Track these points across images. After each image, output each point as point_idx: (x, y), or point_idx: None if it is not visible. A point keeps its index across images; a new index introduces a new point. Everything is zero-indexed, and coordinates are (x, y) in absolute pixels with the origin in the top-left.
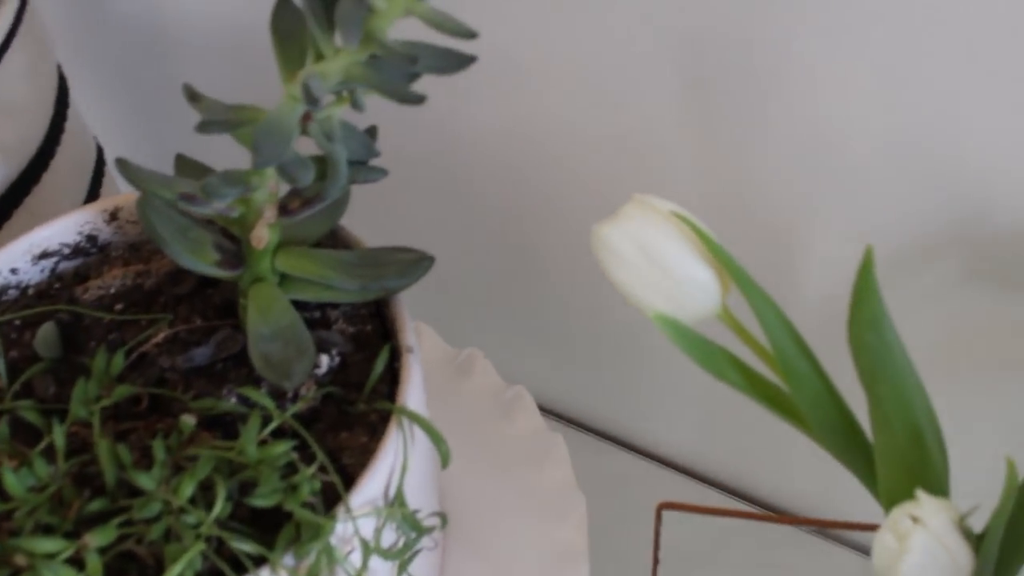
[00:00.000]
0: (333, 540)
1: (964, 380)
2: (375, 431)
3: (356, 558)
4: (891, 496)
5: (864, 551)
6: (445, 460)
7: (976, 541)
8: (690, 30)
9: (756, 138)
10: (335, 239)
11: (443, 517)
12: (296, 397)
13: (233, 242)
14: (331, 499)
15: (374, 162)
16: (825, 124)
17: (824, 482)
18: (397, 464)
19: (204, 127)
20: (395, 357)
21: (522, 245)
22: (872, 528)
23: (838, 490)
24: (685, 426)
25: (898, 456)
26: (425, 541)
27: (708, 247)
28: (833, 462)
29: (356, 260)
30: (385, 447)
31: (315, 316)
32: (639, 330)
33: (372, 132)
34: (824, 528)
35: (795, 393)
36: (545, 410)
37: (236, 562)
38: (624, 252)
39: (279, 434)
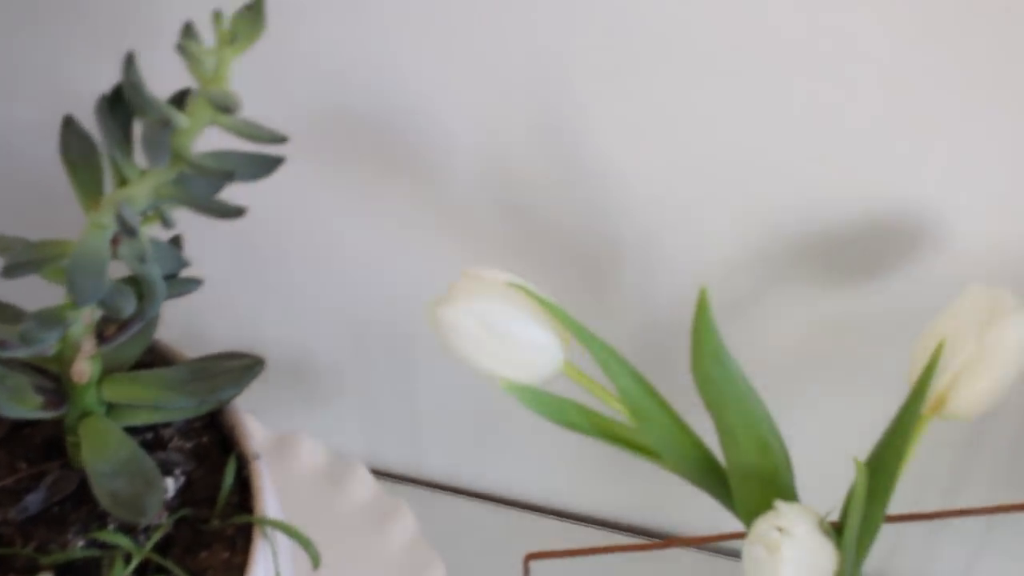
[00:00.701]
0: None
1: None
2: (235, 545)
3: None
4: (748, 509)
5: None
6: (316, 562)
7: (836, 536)
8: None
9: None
10: (153, 354)
11: None
12: (148, 528)
13: (52, 380)
14: None
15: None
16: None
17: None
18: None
19: (10, 271)
20: (240, 465)
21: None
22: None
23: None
24: (553, 469)
25: (749, 473)
26: None
27: (546, 309)
28: None
29: (187, 375)
30: (254, 561)
31: (148, 438)
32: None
33: (177, 242)
34: (709, 543)
35: (645, 431)
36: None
37: None
38: (464, 327)
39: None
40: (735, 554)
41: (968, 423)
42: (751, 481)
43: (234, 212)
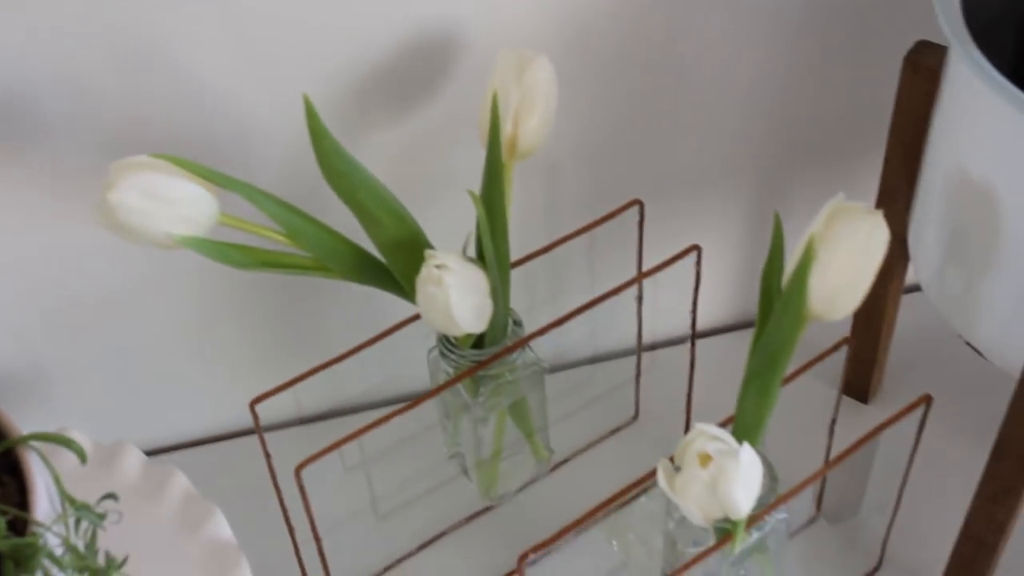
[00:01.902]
0: None
1: None
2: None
3: None
4: (407, 277)
5: None
6: (82, 458)
7: (480, 262)
8: None
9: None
10: None
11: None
12: None
13: None
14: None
15: None
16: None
17: None
18: (49, 479)
19: None
20: None
21: None
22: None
23: None
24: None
25: (396, 243)
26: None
27: (191, 169)
28: None
29: None
30: (33, 475)
31: None
32: None
33: None
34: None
35: (304, 247)
36: None
37: None
38: (130, 203)
39: None
40: None
41: (547, 165)
42: (400, 250)
43: None
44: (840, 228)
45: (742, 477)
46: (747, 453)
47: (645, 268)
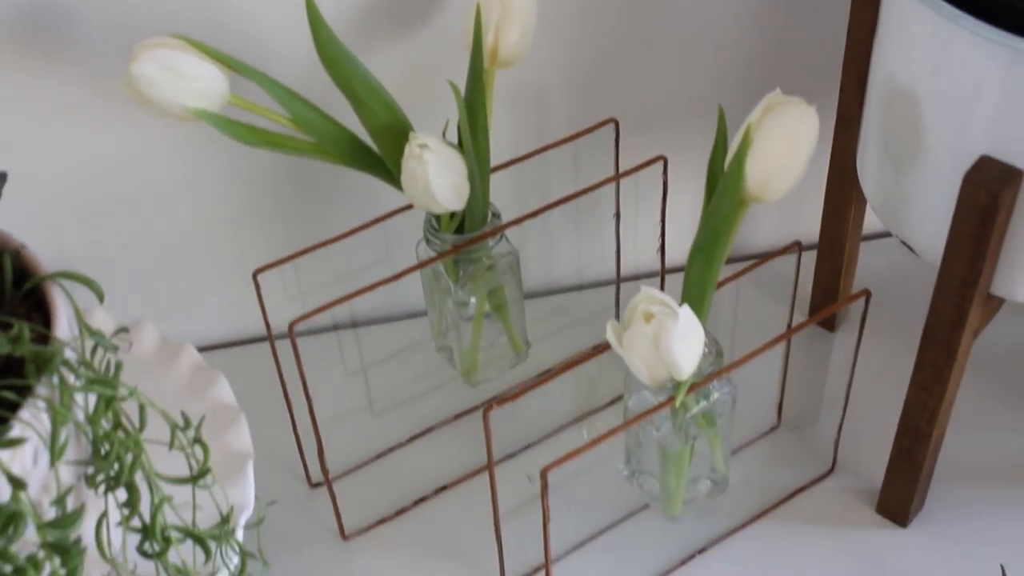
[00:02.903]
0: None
1: None
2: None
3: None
4: (395, 161)
5: None
6: (100, 297)
7: (458, 147)
8: None
9: None
10: None
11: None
12: None
13: None
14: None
15: None
16: None
17: None
18: (71, 311)
19: None
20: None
21: None
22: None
23: None
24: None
25: (386, 129)
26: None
27: (204, 50)
28: None
29: None
30: (57, 307)
31: None
32: None
33: None
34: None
35: (307, 131)
36: None
37: None
38: (151, 75)
39: None
40: None
41: (536, 95)
42: (389, 136)
43: None
44: (773, 117)
45: (681, 335)
46: (686, 313)
47: (622, 189)
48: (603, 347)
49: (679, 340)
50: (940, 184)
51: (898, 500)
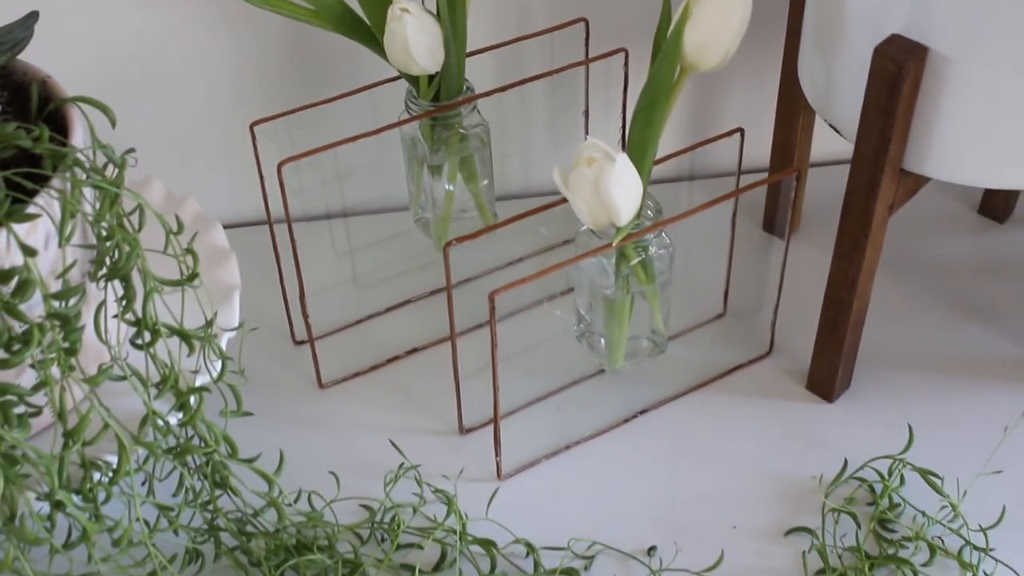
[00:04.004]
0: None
1: None
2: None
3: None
4: (379, 25)
5: None
6: (113, 122)
7: (437, 16)
8: None
9: None
10: None
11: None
12: None
13: None
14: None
15: None
16: None
17: None
18: (86, 127)
19: None
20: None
21: None
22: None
23: None
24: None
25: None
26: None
27: None
28: None
29: None
30: (73, 125)
31: None
32: None
33: None
34: None
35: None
36: None
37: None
38: None
39: None
40: None
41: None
42: (376, 4)
43: None
44: None
45: (618, 178)
46: (623, 160)
47: (592, 88)
48: (561, 200)
49: (616, 184)
50: (859, 66)
51: (825, 376)
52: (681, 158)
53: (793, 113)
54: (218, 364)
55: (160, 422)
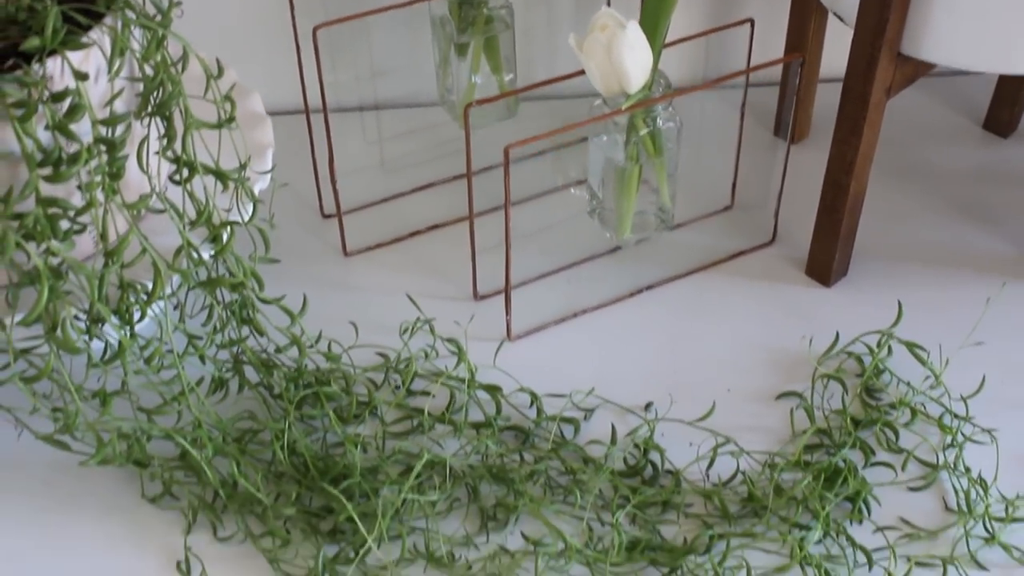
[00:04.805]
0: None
1: None
2: None
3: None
4: None
5: None
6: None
7: None
8: None
9: None
10: None
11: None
12: None
13: None
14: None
15: None
16: None
17: None
18: None
19: None
20: None
21: None
22: None
23: None
24: None
25: None
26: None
27: None
28: None
29: None
30: None
31: None
32: None
33: None
34: None
35: None
36: None
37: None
38: None
39: None
40: None
41: None
42: None
43: None
44: None
45: (629, 45)
46: (633, 27)
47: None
48: (579, 72)
49: (628, 50)
50: None
51: (823, 261)
52: (695, 64)
53: (806, 11)
54: (250, 207)
55: (194, 255)
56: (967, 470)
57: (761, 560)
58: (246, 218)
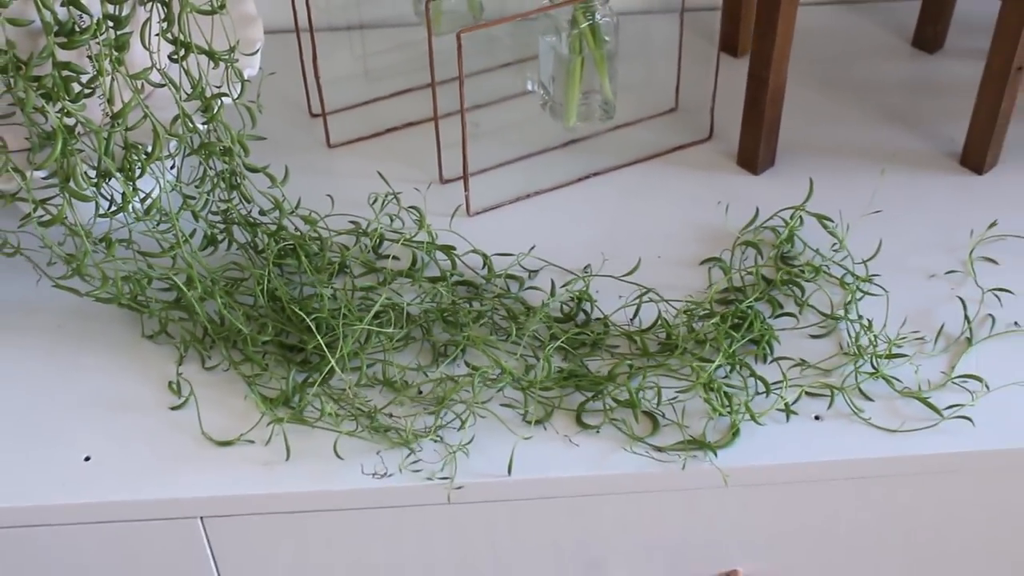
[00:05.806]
0: None
1: None
2: None
3: None
4: None
5: None
6: None
7: None
8: None
9: None
10: None
11: None
12: None
13: None
14: None
15: None
16: None
17: None
18: None
19: None
20: None
21: None
22: None
23: None
24: None
25: None
26: None
27: None
28: None
29: None
30: None
31: None
32: None
33: None
34: None
35: None
36: None
37: None
38: None
39: None
40: None
41: None
42: None
43: None
44: None
45: None
46: None
47: None
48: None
49: None
50: None
51: (750, 151)
52: None
53: None
54: (239, 87)
55: (189, 123)
56: (860, 317)
57: (672, 385)
58: (235, 95)
